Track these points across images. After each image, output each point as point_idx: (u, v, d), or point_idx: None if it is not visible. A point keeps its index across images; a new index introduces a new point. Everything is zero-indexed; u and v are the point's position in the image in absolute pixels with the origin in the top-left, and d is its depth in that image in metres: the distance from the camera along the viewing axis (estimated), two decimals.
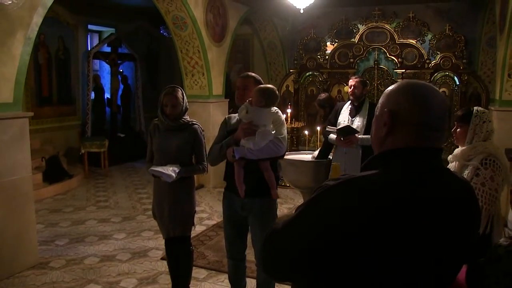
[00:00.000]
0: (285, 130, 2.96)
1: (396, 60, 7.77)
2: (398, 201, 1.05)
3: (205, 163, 3.33)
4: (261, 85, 2.91)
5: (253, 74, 3.11)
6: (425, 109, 1.14)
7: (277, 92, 2.91)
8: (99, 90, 9.49)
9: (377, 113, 1.23)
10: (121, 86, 10.02)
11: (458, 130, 2.68)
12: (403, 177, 1.09)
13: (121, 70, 9.96)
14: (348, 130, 4.23)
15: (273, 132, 2.84)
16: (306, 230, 1.08)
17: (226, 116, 3.16)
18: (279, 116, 2.94)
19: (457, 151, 2.67)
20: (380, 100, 1.23)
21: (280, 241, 1.14)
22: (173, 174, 3.12)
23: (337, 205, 1.06)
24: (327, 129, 4.53)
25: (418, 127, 1.14)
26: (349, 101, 4.56)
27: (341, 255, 1.03)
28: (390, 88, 1.23)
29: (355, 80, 4.47)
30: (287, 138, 3.06)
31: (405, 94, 1.17)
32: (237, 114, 3.03)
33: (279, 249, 1.14)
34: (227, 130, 3.06)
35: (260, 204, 2.97)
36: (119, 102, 10.03)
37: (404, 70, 7.66)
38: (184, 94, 3.34)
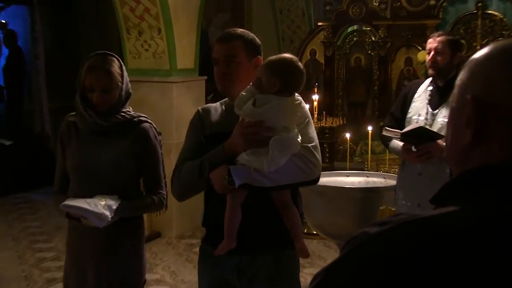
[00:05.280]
0: (315, 132, 2.84)
1: None
2: (495, 263, 0.90)
3: (164, 193, 3.17)
4: (273, 57, 2.70)
5: (241, 31, 2.89)
6: None
7: (301, 67, 2.72)
8: None
9: (453, 104, 1.12)
10: (5, 52, 9.28)
11: None
12: (503, 220, 0.93)
13: (3, 22, 9.30)
14: (423, 134, 3.93)
15: (298, 139, 2.63)
16: None
17: (200, 108, 2.98)
18: (303, 109, 2.77)
19: None
20: (459, 79, 1.10)
21: None
22: (107, 213, 2.88)
23: (381, 270, 0.93)
24: (384, 132, 4.16)
25: None
26: (429, 79, 4.22)
27: None
28: (477, 55, 1.08)
29: (439, 39, 4.09)
30: None
31: (503, 65, 1.00)
32: (218, 104, 2.93)
33: None
34: (205, 134, 2.84)
35: (272, 265, 2.76)
36: (1, 82, 9.39)
37: None
38: (124, 68, 3.20)
